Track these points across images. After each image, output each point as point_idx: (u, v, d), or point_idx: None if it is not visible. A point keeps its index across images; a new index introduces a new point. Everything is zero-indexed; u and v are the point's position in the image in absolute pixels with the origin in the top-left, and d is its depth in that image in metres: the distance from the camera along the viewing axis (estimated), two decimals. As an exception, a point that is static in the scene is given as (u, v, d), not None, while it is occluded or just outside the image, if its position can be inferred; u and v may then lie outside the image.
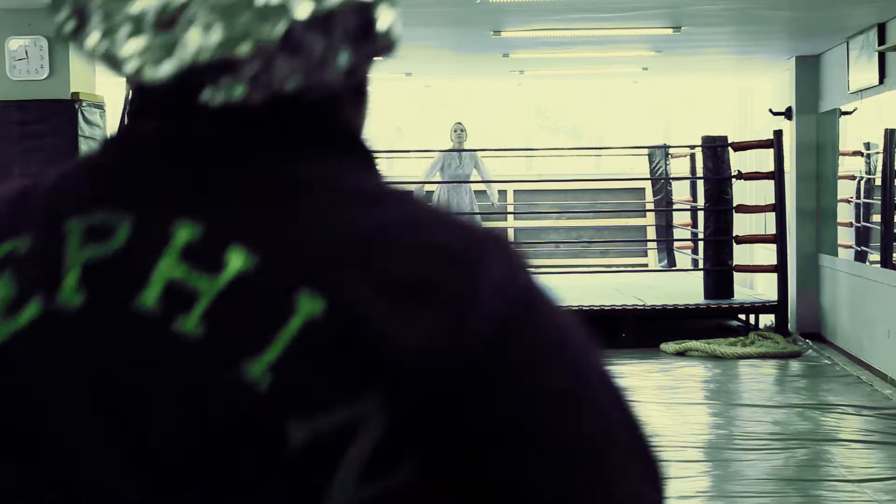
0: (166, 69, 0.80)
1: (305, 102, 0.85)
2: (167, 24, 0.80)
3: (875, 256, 9.68)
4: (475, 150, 11.70)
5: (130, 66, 0.81)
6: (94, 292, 0.80)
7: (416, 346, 0.77)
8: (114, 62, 0.82)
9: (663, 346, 10.13)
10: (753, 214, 11.94)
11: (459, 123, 11.71)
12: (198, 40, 0.79)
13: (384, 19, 0.90)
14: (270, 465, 0.77)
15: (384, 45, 0.91)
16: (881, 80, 8.95)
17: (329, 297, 0.78)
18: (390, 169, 15.34)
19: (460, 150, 11.51)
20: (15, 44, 7.48)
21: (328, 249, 0.79)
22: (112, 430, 0.78)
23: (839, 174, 10.80)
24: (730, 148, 11.09)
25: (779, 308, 10.68)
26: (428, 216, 0.84)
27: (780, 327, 10.61)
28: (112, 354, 0.79)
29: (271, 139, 0.84)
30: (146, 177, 0.84)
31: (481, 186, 12.74)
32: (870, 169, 10.33)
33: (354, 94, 0.92)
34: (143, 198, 0.82)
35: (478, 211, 11.90)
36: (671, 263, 13.51)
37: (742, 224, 12.36)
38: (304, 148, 0.85)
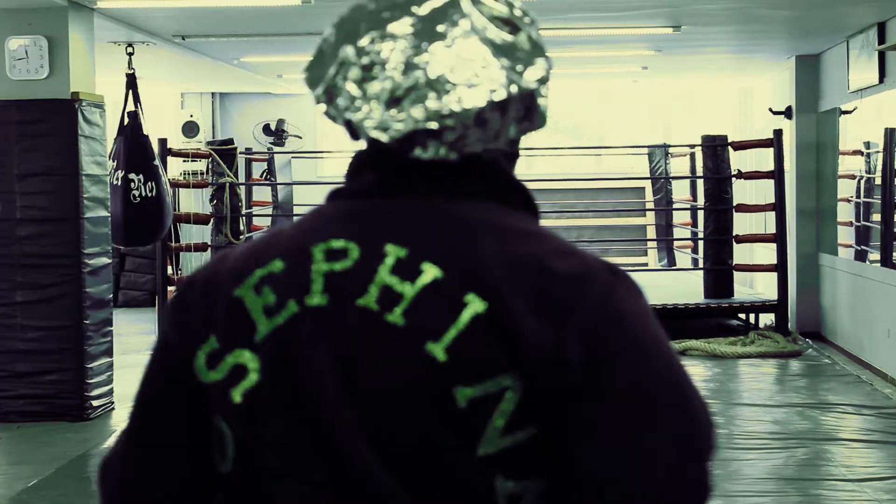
0: (392, 133, 1.18)
1: (483, 161, 1.25)
2: (396, 101, 1.17)
3: (875, 256, 9.68)
4: None
5: (366, 131, 1.19)
6: (333, 295, 1.21)
7: (545, 341, 1.15)
8: (353, 127, 1.22)
9: (663, 345, 10.13)
10: (753, 214, 11.93)
11: None
12: (419, 114, 1.17)
13: (542, 104, 1.24)
14: (441, 415, 1.16)
15: (540, 121, 1.25)
16: (881, 80, 8.95)
17: (490, 301, 1.16)
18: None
19: None
20: (15, 43, 7.48)
21: (491, 267, 1.18)
22: (344, 381, 1.19)
23: (839, 173, 10.80)
24: (730, 147, 11.09)
25: (779, 307, 10.68)
26: (560, 249, 1.22)
27: (780, 326, 10.61)
28: (346, 336, 1.19)
29: (458, 188, 1.24)
30: (369, 214, 1.24)
31: None
32: (870, 168, 10.33)
33: (511, 155, 1.31)
34: (367, 229, 1.23)
35: None
36: (671, 263, 13.51)
37: (742, 223, 12.36)
38: (479, 195, 1.25)
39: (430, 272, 1.18)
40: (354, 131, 1.24)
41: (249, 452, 1.24)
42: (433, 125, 1.17)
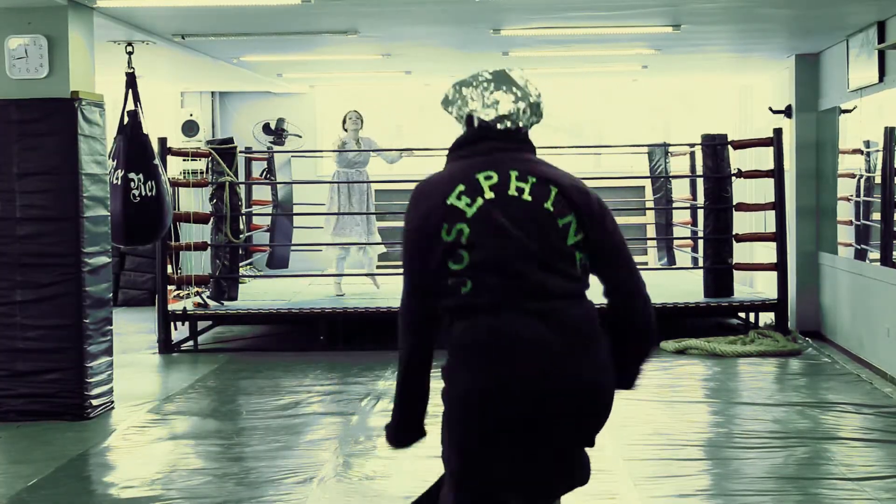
0: (505, 124, 3.25)
1: (526, 132, 3.29)
2: (510, 113, 3.26)
3: (875, 255, 9.68)
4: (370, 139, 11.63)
5: (482, 118, 3.24)
6: (495, 192, 3.11)
7: (581, 202, 3.16)
8: (471, 119, 3.28)
9: (663, 344, 10.14)
10: (753, 213, 11.93)
11: (356, 111, 11.58)
12: (524, 118, 3.26)
13: (541, 110, 3.32)
14: (552, 229, 3.11)
15: (540, 116, 3.29)
16: (881, 79, 8.95)
17: (558, 188, 3.16)
18: (390, 168, 15.34)
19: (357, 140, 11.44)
20: (14, 42, 7.48)
21: (552, 175, 3.19)
22: (511, 222, 3.09)
23: (839, 172, 10.79)
24: (730, 146, 11.09)
25: (779, 306, 10.68)
26: (562, 172, 3.27)
27: (780, 325, 10.61)
28: (506, 206, 3.10)
29: (519, 146, 3.25)
30: (493, 158, 3.18)
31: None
32: (870, 167, 10.32)
33: (528, 131, 3.32)
34: (495, 164, 3.16)
35: (373, 206, 11.73)
36: (671, 261, 13.51)
37: (742, 222, 12.36)
38: (524, 148, 3.26)
39: (532, 178, 3.14)
40: (470, 121, 3.27)
41: (472, 262, 3.07)
42: (509, 112, 3.24)
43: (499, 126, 3.18)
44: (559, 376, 3.02)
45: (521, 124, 3.20)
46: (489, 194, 3.07)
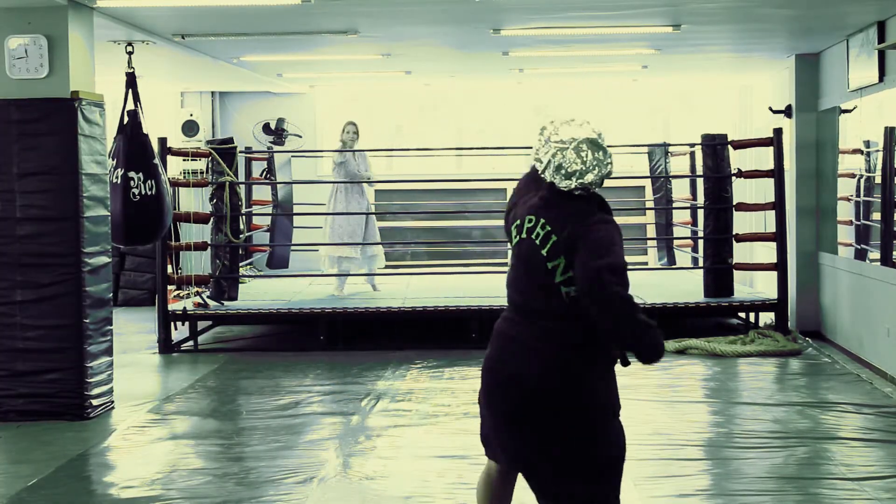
0: (568, 184, 4.03)
1: (593, 189, 4.08)
2: (577, 174, 4.01)
3: (875, 254, 9.68)
4: (364, 150, 11.68)
5: (558, 184, 4.05)
6: (528, 231, 4.10)
7: (573, 235, 3.94)
8: (556, 180, 4.05)
9: (663, 344, 10.13)
10: (753, 212, 11.93)
11: (353, 124, 11.63)
12: (588, 179, 4.01)
13: (600, 183, 4.14)
14: (544, 269, 4.01)
15: (599, 185, 4.09)
16: (881, 78, 8.95)
17: (560, 237, 4.00)
18: (389, 167, 15.35)
19: (353, 151, 11.48)
20: (14, 42, 7.48)
21: (566, 225, 4.02)
22: (523, 256, 4.11)
23: (839, 172, 10.79)
24: (730, 146, 11.09)
25: (779, 306, 10.68)
26: (595, 221, 4.02)
27: (780, 325, 10.61)
28: (527, 244, 4.09)
29: (575, 198, 4.05)
30: (548, 205, 4.07)
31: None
32: (870, 167, 10.32)
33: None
34: (537, 208, 4.10)
35: (372, 211, 11.83)
36: (671, 262, 13.51)
37: (742, 222, 12.35)
38: (594, 203, 4.08)
39: (547, 228, 4.02)
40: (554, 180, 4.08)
41: (513, 257, 4.19)
42: (571, 184, 4.05)
43: (557, 182, 4.12)
44: (511, 351, 4.14)
45: (580, 181, 4.10)
46: (523, 234, 4.19)
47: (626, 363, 4.16)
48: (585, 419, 4.00)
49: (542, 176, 4.07)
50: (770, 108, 11.77)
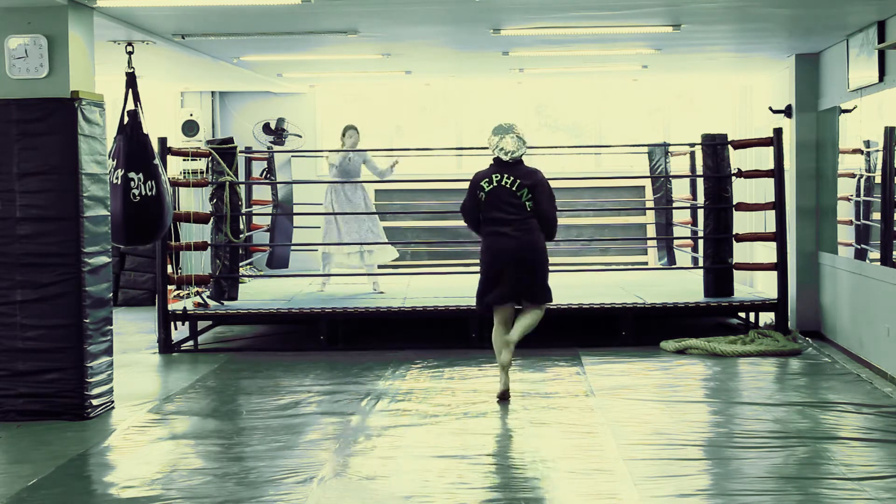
0: (507, 158, 8.11)
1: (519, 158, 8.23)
2: (511, 150, 8.10)
3: (875, 254, 9.67)
4: (364, 151, 11.73)
5: (501, 156, 8.10)
6: (496, 182, 8.07)
7: (530, 185, 8.05)
8: (500, 154, 8.13)
9: (663, 344, 10.14)
10: (753, 212, 11.93)
11: (355, 129, 11.68)
12: (517, 153, 8.11)
13: (527, 148, 8.40)
14: (517, 198, 8.05)
15: (525, 150, 8.27)
16: (881, 78, 8.95)
17: (520, 179, 8.09)
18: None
19: (353, 151, 11.53)
20: (14, 42, 7.48)
21: (520, 173, 8.10)
22: (498, 196, 8.09)
23: (839, 172, 10.79)
24: (730, 146, 11.08)
25: (779, 306, 10.68)
26: (534, 172, 8.17)
27: (780, 325, 10.61)
28: (499, 190, 8.06)
29: (518, 163, 8.15)
30: (500, 169, 8.11)
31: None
32: (870, 167, 10.31)
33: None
34: (501, 171, 8.09)
35: (373, 210, 11.95)
36: (671, 261, 13.51)
37: (742, 222, 12.35)
38: (523, 164, 8.23)
39: (511, 177, 8.04)
40: (497, 156, 8.15)
41: (487, 204, 8.05)
42: (511, 156, 8.11)
43: (504, 157, 8.09)
44: (517, 244, 7.98)
45: (516, 154, 8.09)
46: (493, 183, 8.05)
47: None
48: (543, 263, 8.10)
49: (497, 155, 8.08)
50: (770, 108, 11.77)
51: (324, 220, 11.67)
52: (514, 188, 7.92)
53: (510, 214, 7.94)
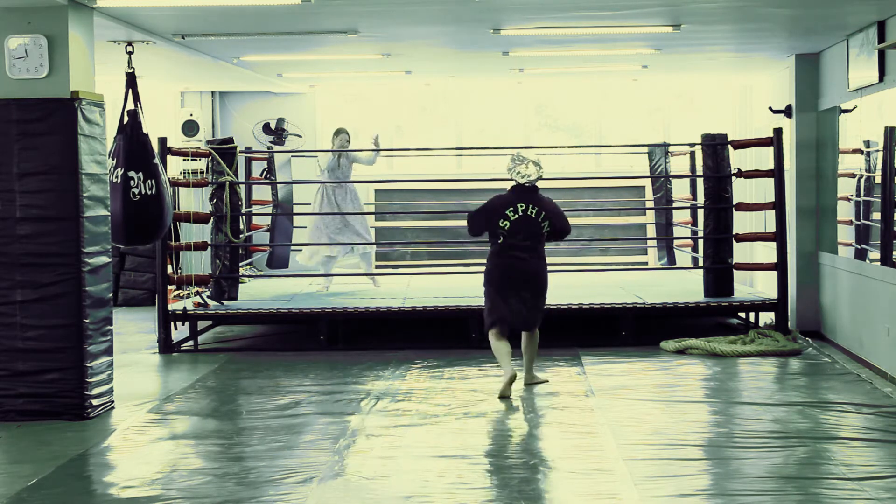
0: (525, 182, 8.49)
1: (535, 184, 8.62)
2: (531, 175, 8.47)
3: (875, 254, 9.67)
4: (352, 151, 11.74)
5: (522, 182, 8.47)
6: (519, 213, 8.43)
7: (548, 212, 8.55)
8: (518, 179, 8.49)
9: (663, 344, 10.14)
10: (753, 212, 11.93)
11: (345, 132, 11.70)
12: (533, 178, 8.46)
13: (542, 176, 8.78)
14: (540, 227, 8.49)
15: (540, 178, 8.62)
16: (881, 78, 8.95)
17: (541, 208, 8.51)
18: (390, 167, 15.34)
19: (340, 152, 11.55)
20: (14, 42, 7.48)
21: (540, 202, 8.53)
22: (523, 227, 8.44)
23: (839, 172, 10.79)
24: (730, 146, 11.09)
25: (779, 306, 10.68)
26: (549, 201, 8.64)
27: (780, 325, 10.61)
28: (523, 220, 8.44)
29: (535, 190, 8.54)
30: (520, 196, 8.49)
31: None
32: (870, 167, 10.31)
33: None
34: (521, 200, 8.47)
35: (363, 210, 11.96)
36: (671, 261, 13.51)
37: (742, 222, 12.35)
38: (536, 191, 8.58)
39: (536, 208, 8.43)
40: (517, 180, 8.52)
41: (510, 231, 8.38)
42: (529, 181, 8.48)
43: (521, 181, 8.46)
44: (531, 268, 8.39)
45: (532, 179, 8.42)
46: (518, 214, 8.39)
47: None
48: (545, 289, 8.53)
49: (516, 181, 8.44)
50: (770, 108, 11.77)
51: (311, 223, 11.74)
52: (539, 219, 8.37)
53: (529, 241, 8.38)
